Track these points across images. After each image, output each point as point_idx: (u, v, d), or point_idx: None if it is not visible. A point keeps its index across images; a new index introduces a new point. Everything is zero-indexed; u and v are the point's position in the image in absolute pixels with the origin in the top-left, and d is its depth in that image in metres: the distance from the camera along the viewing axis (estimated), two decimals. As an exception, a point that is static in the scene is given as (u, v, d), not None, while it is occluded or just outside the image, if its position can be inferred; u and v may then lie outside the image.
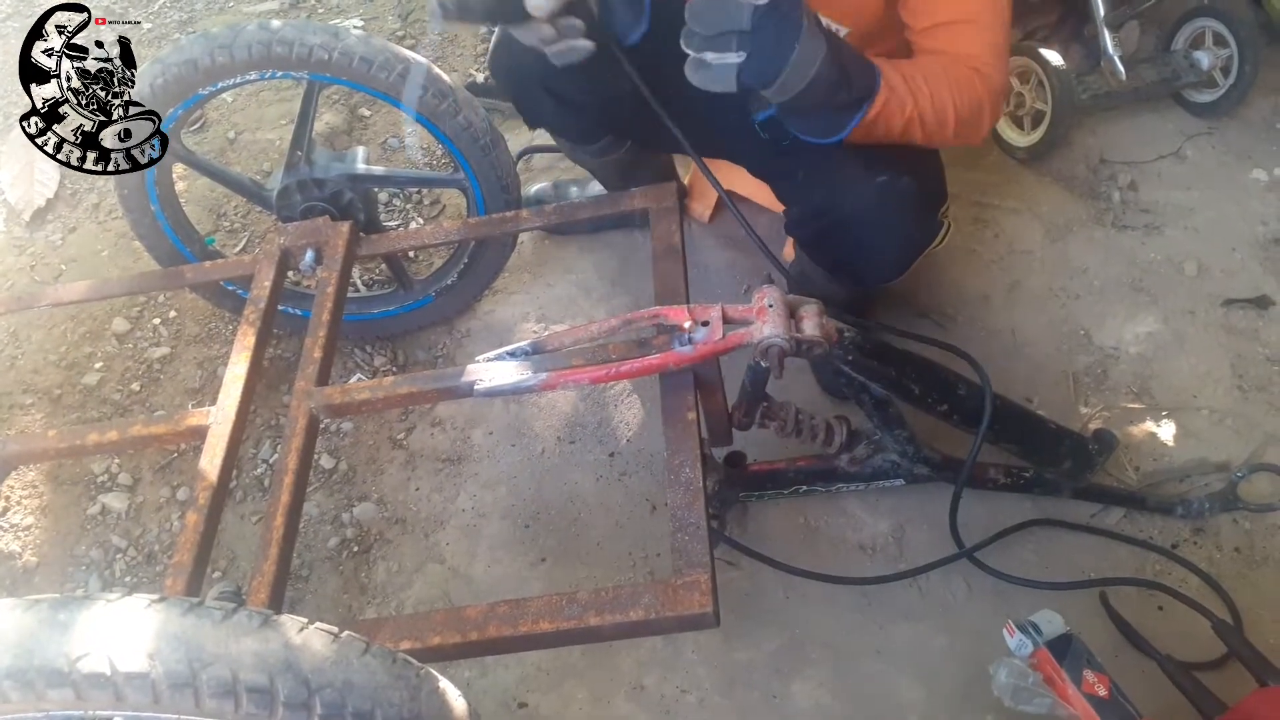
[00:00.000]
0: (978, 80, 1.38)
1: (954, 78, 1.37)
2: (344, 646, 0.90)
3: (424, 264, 2.28)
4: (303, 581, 1.80)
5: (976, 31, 1.40)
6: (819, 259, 1.69)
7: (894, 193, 1.46)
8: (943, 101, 1.36)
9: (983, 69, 1.39)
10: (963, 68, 1.38)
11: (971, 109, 1.39)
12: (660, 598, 1.16)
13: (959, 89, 1.37)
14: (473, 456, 1.94)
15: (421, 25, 2.91)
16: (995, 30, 1.40)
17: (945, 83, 1.36)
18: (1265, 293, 2.06)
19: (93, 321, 2.21)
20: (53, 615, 0.83)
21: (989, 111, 1.41)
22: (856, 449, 1.63)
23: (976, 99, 1.39)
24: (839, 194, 1.50)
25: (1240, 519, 1.74)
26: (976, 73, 1.38)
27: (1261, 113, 2.42)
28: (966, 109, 1.38)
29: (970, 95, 1.38)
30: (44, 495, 1.93)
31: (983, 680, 1.41)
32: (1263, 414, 1.88)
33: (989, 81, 1.39)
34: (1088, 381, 1.96)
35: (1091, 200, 2.28)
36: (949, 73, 1.38)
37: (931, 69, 1.37)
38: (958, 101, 1.37)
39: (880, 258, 1.59)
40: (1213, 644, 1.55)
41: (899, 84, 1.32)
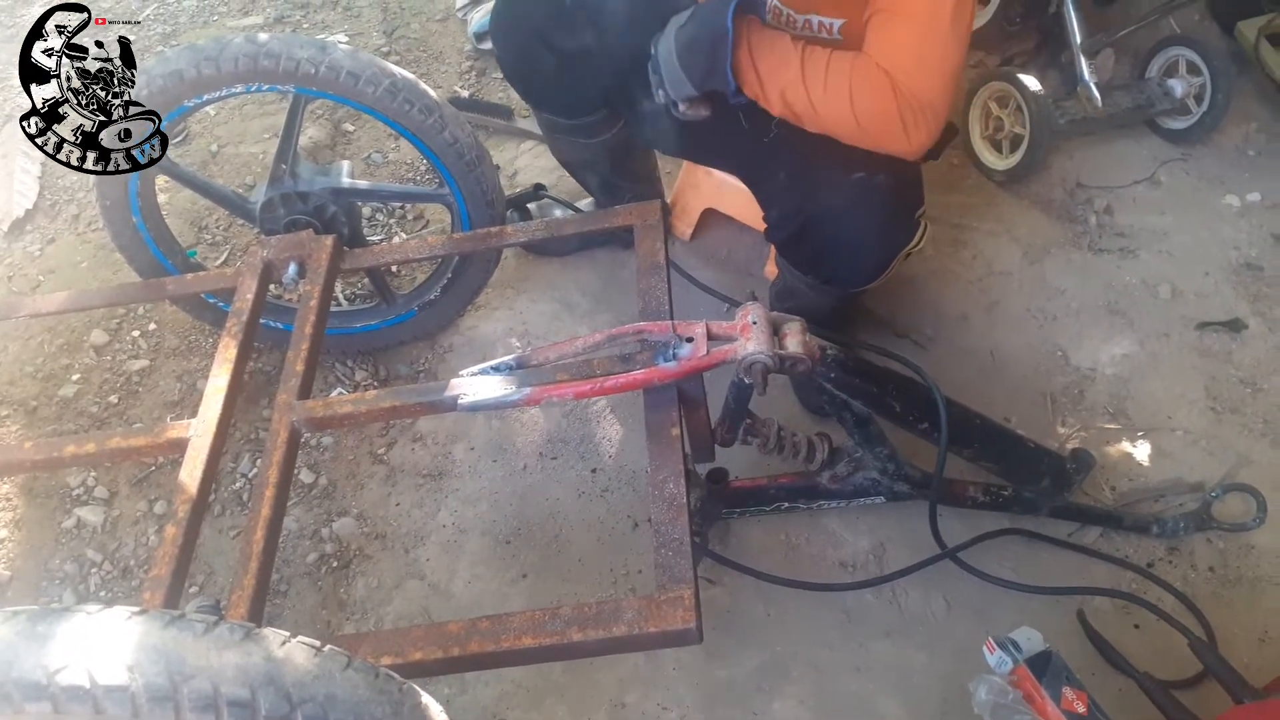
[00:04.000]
0: (888, 85, 1.38)
1: (860, 72, 1.39)
2: (326, 660, 0.89)
3: (406, 278, 2.28)
4: (281, 597, 1.78)
5: (905, 34, 1.38)
6: (798, 261, 1.71)
7: (871, 188, 1.49)
8: (837, 90, 1.38)
9: (897, 75, 1.38)
10: (872, 65, 1.39)
11: (876, 112, 1.39)
12: (643, 613, 1.15)
13: (862, 84, 1.38)
14: (454, 472, 1.93)
15: (405, 40, 2.92)
16: (928, 44, 1.38)
17: (845, 74, 1.39)
18: (1238, 316, 2.09)
19: (70, 333, 2.19)
20: (31, 627, 0.81)
21: (909, 123, 1.40)
22: (838, 466, 1.64)
23: (883, 104, 1.38)
24: (817, 190, 1.53)
25: (1214, 539, 1.76)
26: (888, 75, 1.38)
27: (1234, 139, 2.47)
28: (868, 108, 1.39)
29: (875, 97, 1.38)
30: (18, 508, 1.91)
31: (962, 697, 1.41)
32: (1236, 435, 1.91)
33: (905, 93, 1.38)
34: (1065, 402, 1.98)
35: (1068, 223, 2.32)
36: (856, 67, 1.39)
37: (838, 59, 1.40)
38: (856, 95, 1.38)
39: (857, 255, 1.61)
40: (1188, 662, 1.56)
41: (773, 56, 1.41)
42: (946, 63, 1.41)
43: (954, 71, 1.43)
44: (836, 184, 1.51)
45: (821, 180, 1.52)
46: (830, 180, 1.51)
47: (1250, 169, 2.41)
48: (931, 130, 1.43)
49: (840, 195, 1.52)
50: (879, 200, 1.52)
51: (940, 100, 1.42)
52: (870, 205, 1.53)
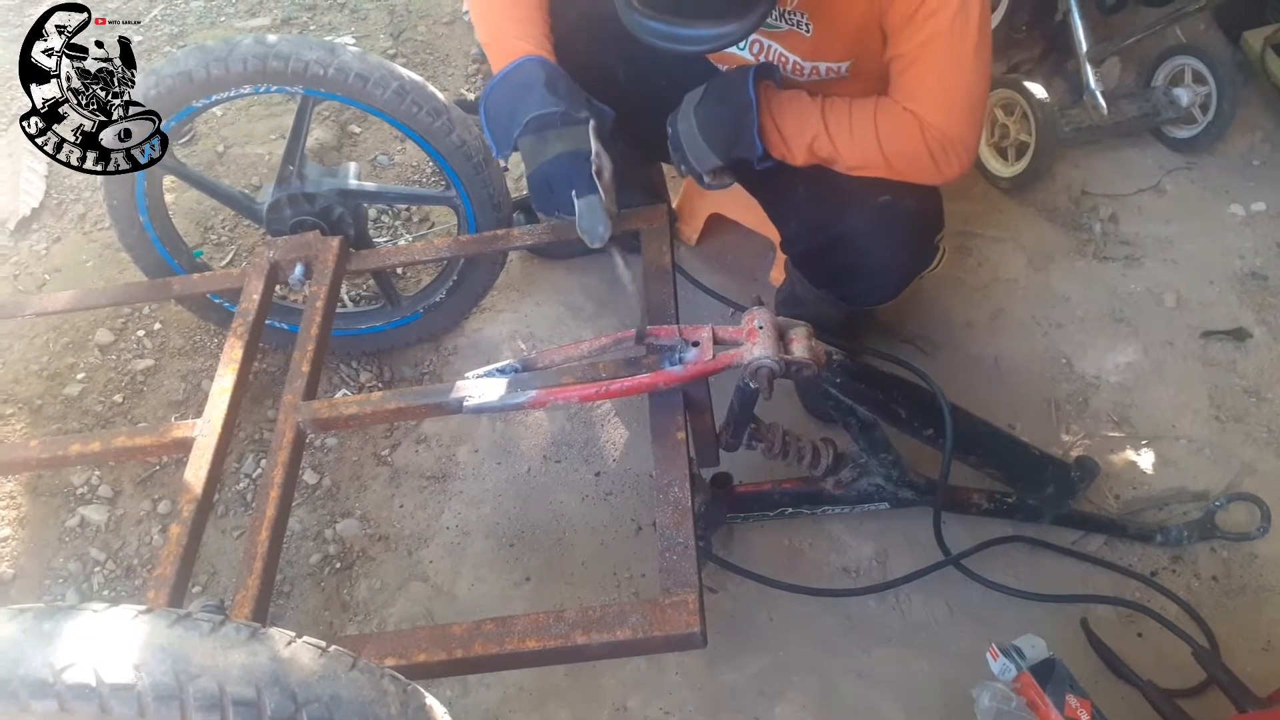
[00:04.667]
0: (915, 125, 1.39)
1: (886, 116, 1.40)
2: (331, 661, 0.89)
3: (412, 280, 2.28)
4: (284, 598, 1.78)
5: (929, 77, 1.38)
6: (814, 276, 1.71)
7: (896, 212, 1.49)
8: (864, 136, 1.41)
9: (924, 116, 1.39)
10: (898, 109, 1.41)
11: (906, 153, 1.41)
12: (648, 617, 1.15)
13: (888, 127, 1.40)
14: (458, 474, 1.93)
15: (411, 42, 2.92)
16: (954, 83, 1.39)
17: (869, 120, 1.40)
18: (1242, 325, 2.09)
19: (76, 332, 2.19)
20: (38, 625, 0.82)
21: (939, 159, 1.42)
22: (842, 472, 1.64)
23: (912, 144, 1.40)
24: (842, 210, 1.53)
25: (1218, 548, 1.76)
26: (915, 117, 1.39)
27: (1239, 149, 2.47)
28: (897, 149, 1.41)
29: (904, 138, 1.40)
30: (22, 506, 1.91)
31: (965, 704, 1.41)
32: (1240, 444, 1.91)
33: (934, 131, 1.39)
34: (1069, 409, 1.98)
35: (1073, 231, 2.32)
36: (881, 111, 1.41)
37: (860, 107, 1.42)
38: (884, 139, 1.40)
39: (877, 277, 1.61)
40: (1191, 671, 1.56)
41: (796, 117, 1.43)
42: (973, 97, 1.42)
43: (980, 103, 1.45)
44: (864, 206, 1.50)
45: (846, 199, 1.51)
46: (856, 200, 1.50)
47: (1255, 178, 2.41)
48: (963, 162, 1.44)
49: (866, 218, 1.51)
50: (905, 225, 1.52)
51: (970, 133, 1.43)
52: (895, 230, 1.52)
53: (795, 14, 1.45)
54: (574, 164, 1.35)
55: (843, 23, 1.42)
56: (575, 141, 1.36)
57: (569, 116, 1.36)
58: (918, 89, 1.40)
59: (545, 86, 1.37)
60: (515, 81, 1.40)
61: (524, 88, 1.38)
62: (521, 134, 1.38)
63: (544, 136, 1.37)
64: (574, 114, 1.36)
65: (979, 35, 1.34)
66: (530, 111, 1.36)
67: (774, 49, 1.51)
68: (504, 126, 1.41)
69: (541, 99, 1.36)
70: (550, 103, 1.36)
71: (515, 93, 1.39)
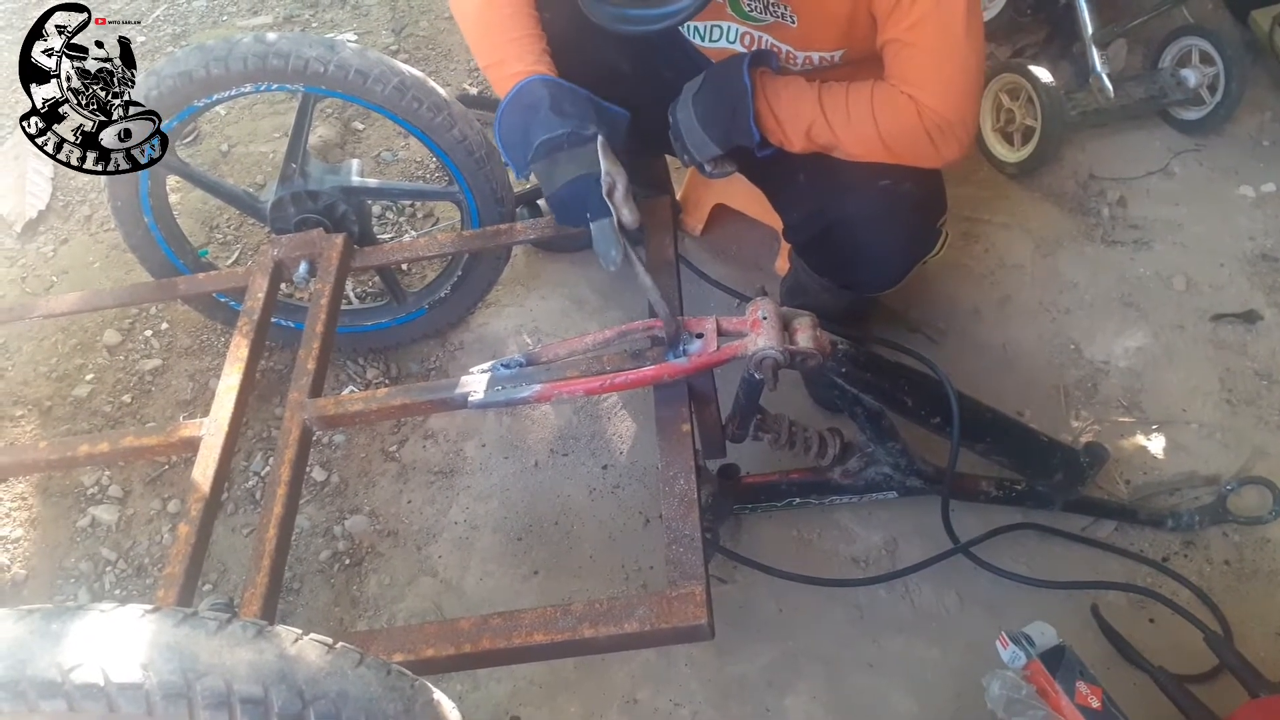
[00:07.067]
0: (912, 107, 1.39)
1: (882, 99, 1.40)
2: (339, 658, 0.89)
3: (417, 276, 2.28)
4: (294, 594, 1.79)
5: (922, 59, 1.38)
6: (817, 264, 1.70)
7: (896, 196, 1.49)
8: (861, 120, 1.40)
9: (920, 98, 1.38)
10: (894, 91, 1.40)
11: (903, 134, 1.40)
12: (655, 610, 1.15)
13: (885, 110, 1.39)
14: (465, 469, 1.94)
15: (414, 38, 2.92)
16: (947, 63, 1.38)
17: (866, 104, 1.40)
18: (1253, 307, 2.07)
19: (84, 333, 2.20)
20: (45, 625, 0.82)
21: (938, 140, 1.41)
22: (850, 462, 1.64)
23: (910, 125, 1.39)
24: (842, 196, 1.52)
25: (1230, 532, 1.75)
26: (912, 100, 1.39)
27: (1248, 129, 2.45)
28: (894, 132, 1.40)
29: (901, 120, 1.39)
30: (33, 507, 1.92)
31: (975, 692, 1.41)
32: (1251, 428, 1.89)
33: (931, 113, 1.39)
34: (1078, 395, 1.97)
35: (1081, 216, 2.30)
36: (877, 95, 1.40)
37: (857, 91, 1.41)
38: (881, 122, 1.40)
39: (879, 262, 1.60)
40: (1203, 656, 1.55)
41: (792, 103, 1.42)
42: (968, 75, 1.41)
43: (976, 80, 1.44)
44: (864, 191, 1.50)
45: (846, 185, 1.51)
46: (857, 185, 1.50)
47: (1265, 159, 2.39)
48: (963, 142, 1.44)
49: (866, 203, 1.51)
50: (905, 209, 1.52)
51: (968, 114, 1.43)
52: (896, 214, 1.52)
53: (778, 6, 1.45)
54: (585, 187, 1.34)
55: (830, 12, 1.42)
56: (584, 163, 1.34)
57: (576, 136, 1.35)
58: (912, 72, 1.39)
59: (551, 108, 1.36)
60: (523, 103, 1.40)
61: (532, 109, 1.38)
62: (533, 158, 1.38)
63: (555, 160, 1.36)
64: (581, 132, 1.35)
65: (968, 14, 1.34)
66: (539, 135, 1.36)
67: (765, 40, 1.51)
68: (519, 150, 1.40)
69: (548, 122, 1.36)
70: (556, 124, 1.35)
71: (525, 114, 1.39)
